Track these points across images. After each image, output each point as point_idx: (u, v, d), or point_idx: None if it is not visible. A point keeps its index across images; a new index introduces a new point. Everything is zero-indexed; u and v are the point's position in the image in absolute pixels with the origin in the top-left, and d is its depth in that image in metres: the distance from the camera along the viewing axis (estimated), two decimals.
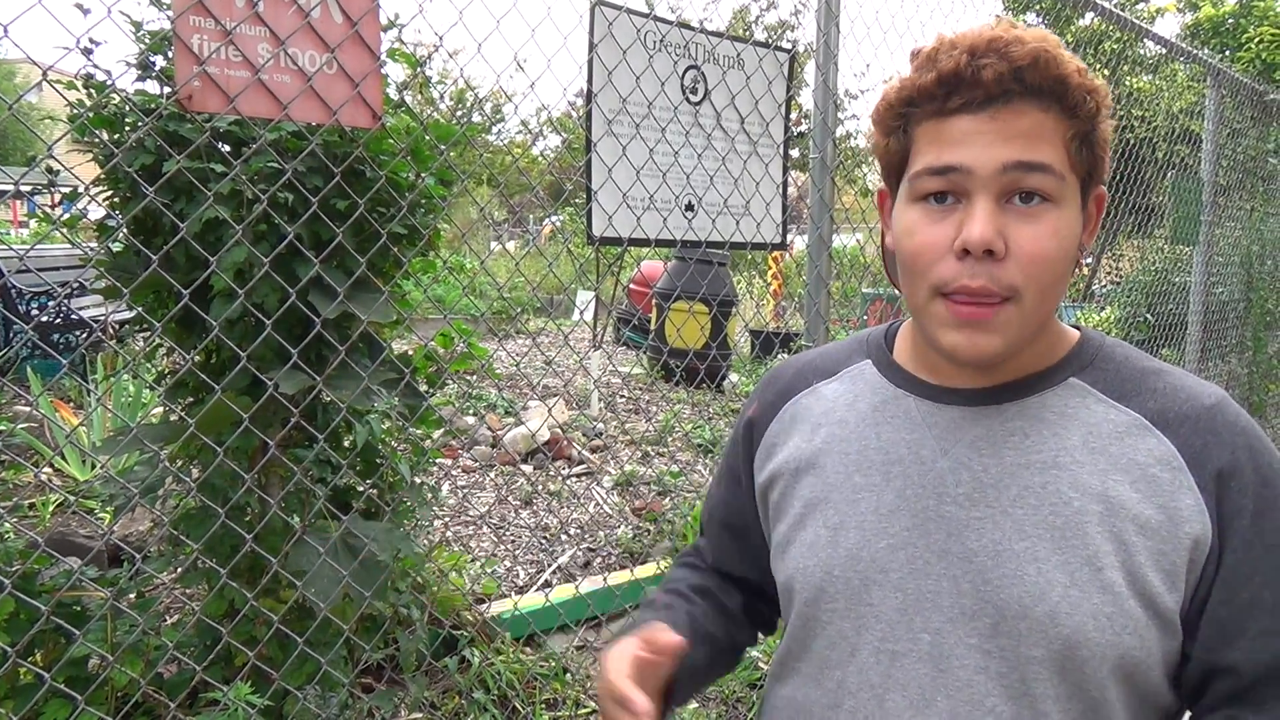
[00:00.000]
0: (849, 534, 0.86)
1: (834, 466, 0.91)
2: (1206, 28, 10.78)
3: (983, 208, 0.75)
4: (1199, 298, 4.80)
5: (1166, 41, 4.31)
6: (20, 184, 1.46)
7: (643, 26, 2.29)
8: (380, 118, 1.63)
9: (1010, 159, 0.75)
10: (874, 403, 0.92)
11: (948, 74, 0.75)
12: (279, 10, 1.48)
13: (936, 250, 0.78)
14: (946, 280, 0.77)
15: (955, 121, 0.76)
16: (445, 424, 2.23)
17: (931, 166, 0.78)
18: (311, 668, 1.88)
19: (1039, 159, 0.75)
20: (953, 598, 0.81)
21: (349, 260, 1.78)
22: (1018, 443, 0.83)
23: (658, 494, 4.35)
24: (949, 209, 0.78)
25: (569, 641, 2.81)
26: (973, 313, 0.77)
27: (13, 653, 1.47)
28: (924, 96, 0.78)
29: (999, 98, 0.75)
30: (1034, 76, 0.74)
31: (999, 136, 0.75)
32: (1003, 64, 0.74)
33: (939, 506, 0.83)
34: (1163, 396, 0.83)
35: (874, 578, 0.84)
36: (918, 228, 0.79)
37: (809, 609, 0.89)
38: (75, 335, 5.93)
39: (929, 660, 0.81)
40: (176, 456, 1.94)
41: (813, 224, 2.57)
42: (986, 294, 0.76)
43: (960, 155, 0.76)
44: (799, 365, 1.03)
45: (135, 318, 1.91)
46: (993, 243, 0.75)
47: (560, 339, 8.41)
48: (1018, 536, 0.79)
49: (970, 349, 0.78)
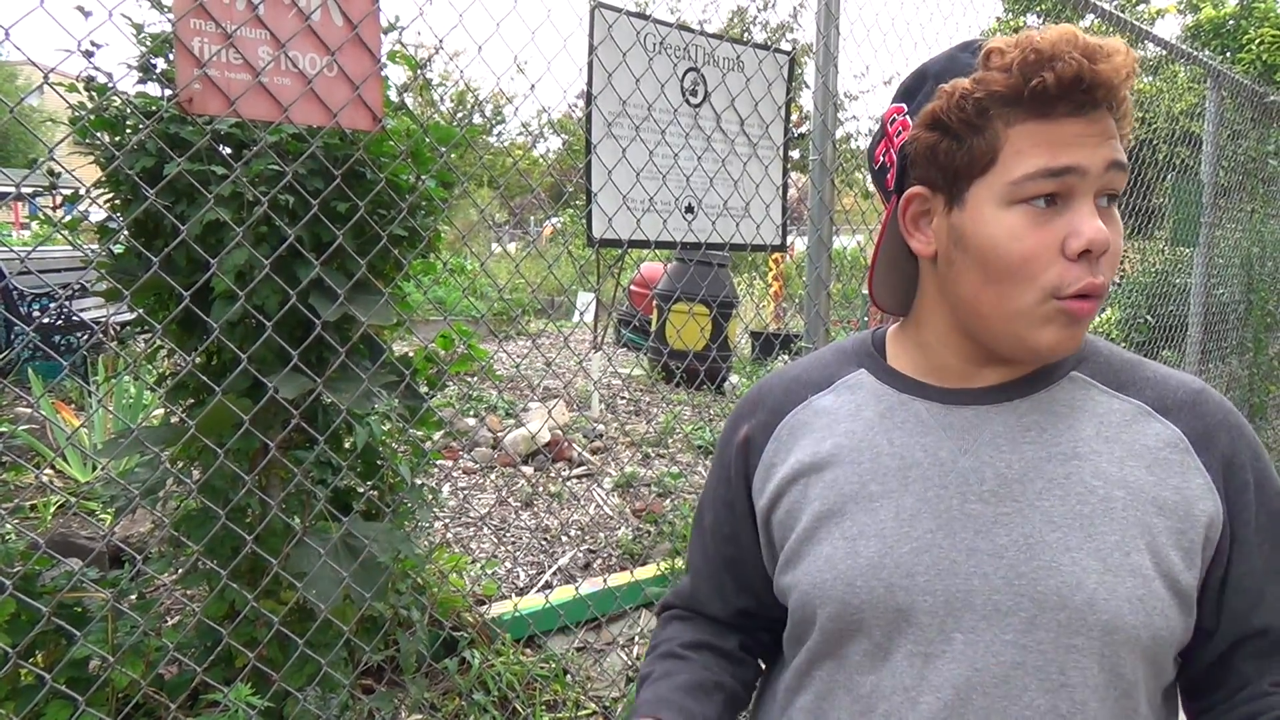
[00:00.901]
0: (869, 543, 0.85)
1: (846, 477, 0.89)
2: (1207, 29, 10.79)
3: (1091, 208, 0.78)
4: (1199, 299, 4.80)
5: (1167, 43, 4.31)
6: (22, 186, 1.47)
7: (642, 29, 2.30)
8: (381, 120, 1.63)
9: (1111, 158, 0.78)
10: (879, 410, 0.91)
11: (1069, 77, 0.75)
12: (280, 13, 1.48)
13: (1049, 253, 0.78)
14: (1068, 282, 0.78)
15: (1063, 125, 0.77)
16: (446, 425, 2.23)
17: (1049, 168, 0.77)
18: (312, 669, 1.89)
19: (1124, 159, 0.79)
20: (984, 595, 0.81)
21: (349, 262, 1.79)
22: (1036, 436, 0.84)
23: (658, 495, 4.35)
24: (1055, 212, 0.78)
25: (569, 643, 2.81)
26: (1084, 308, 0.79)
27: (14, 654, 1.47)
28: (1033, 98, 0.77)
29: (1091, 104, 0.77)
30: (1124, 83, 0.77)
31: (1102, 136, 0.77)
32: (1110, 68, 0.75)
33: (963, 505, 0.83)
34: (1156, 385, 0.88)
35: (900, 583, 0.83)
36: (1024, 233, 0.78)
37: (833, 624, 0.87)
38: (76, 337, 5.94)
39: (963, 660, 0.80)
40: (177, 458, 1.95)
41: (813, 226, 2.57)
42: (1098, 292, 0.79)
43: (1076, 156, 0.77)
44: (785, 382, 1.01)
45: (136, 320, 1.92)
46: (1109, 242, 0.78)
47: (560, 340, 8.42)
48: (1049, 528, 0.80)
49: (1070, 343, 0.81)
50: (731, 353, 7.28)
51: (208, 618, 1.82)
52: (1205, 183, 4.71)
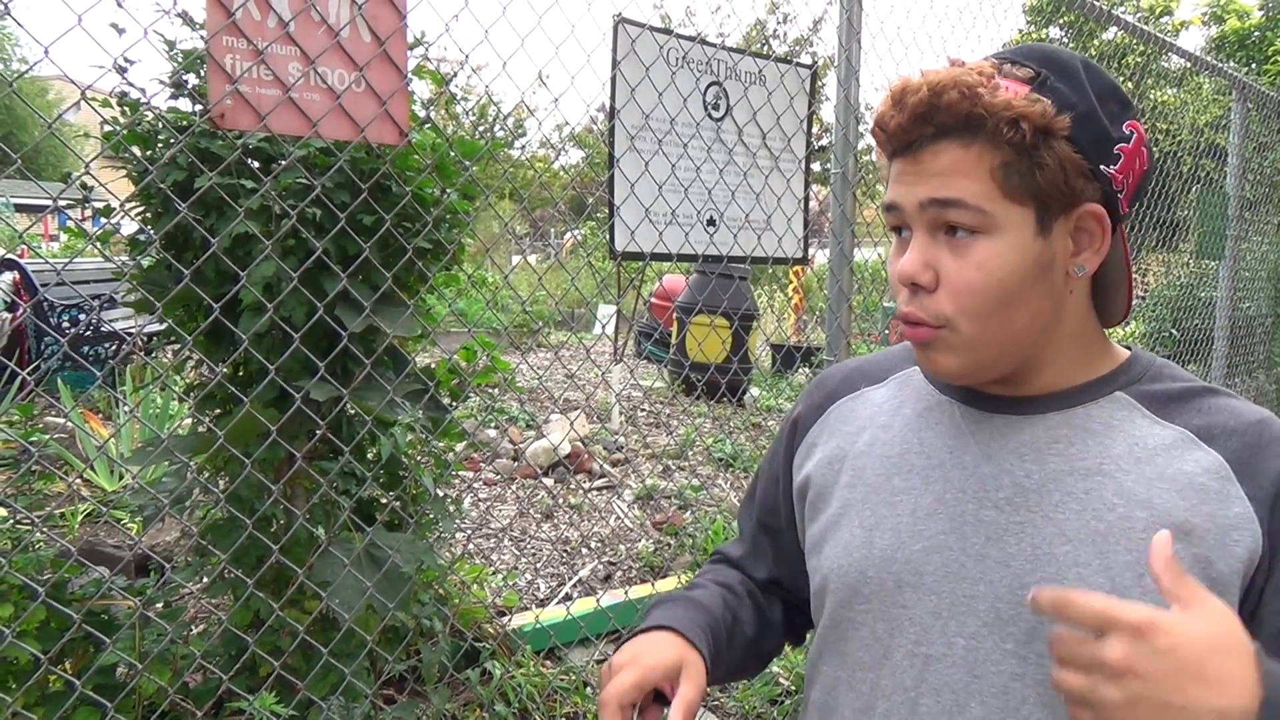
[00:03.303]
0: (884, 535, 0.87)
1: (873, 468, 0.92)
2: (1232, 40, 10.72)
3: (915, 242, 0.82)
4: (1225, 313, 4.75)
5: (1191, 55, 4.28)
6: (58, 200, 1.50)
7: (665, 43, 2.31)
8: (407, 134, 1.65)
9: (925, 196, 0.79)
10: (918, 408, 0.93)
11: (877, 123, 0.82)
12: (309, 30, 1.51)
13: (896, 279, 0.84)
14: (898, 305, 0.84)
15: (895, 163, 0.83)
16: (467, 437, 2.25)
17: (884, 203, 0.85)
18: (335, 678, 1.90)
19: (951, 195, 0.78)
20: (988, 602, 0.81)
21: (375, 275, 1.81)
22: (1062, 450, 0.83)
23: (679, 508, 4.34)
24: (905, 241, 0.84)
25: (589, 655, 2.81)
26: (912, 334, 0.83)
27: (44, 660, 1.49)
28: (876, 140, 0.85)
29: (915, 142, 0.79)
30: (942, 117, 0.77)
31: (919, 176, 0.80)
32: (901, 115, 0.79)
33: (978, 510, 0.84)
34: (1208, 414, 0.83)
35: (908, 580, 0.85)
36: (891, 258, 0.86)
37: (842, 610, 0.89)
38: (105, 347, 6.01)
39: (963, 665, 0.81)
40: (204, 468, 1.97)
41: (834, 238, 2.57)
42: (915, 321, 0.82)
43: (895, 194, 0.82)
44: (848, 370, 1.04)
45: (166, 330, 1.94)
46: (915, 275, 0.80)
47: (582, 353, 8.43)
48: (1059, 541, 0.80)
49: (927, 365, 0.85)
50: (752, 365, 7.27)
51: (233, 626, 1.84)
52: (1231, 195, 4.67)
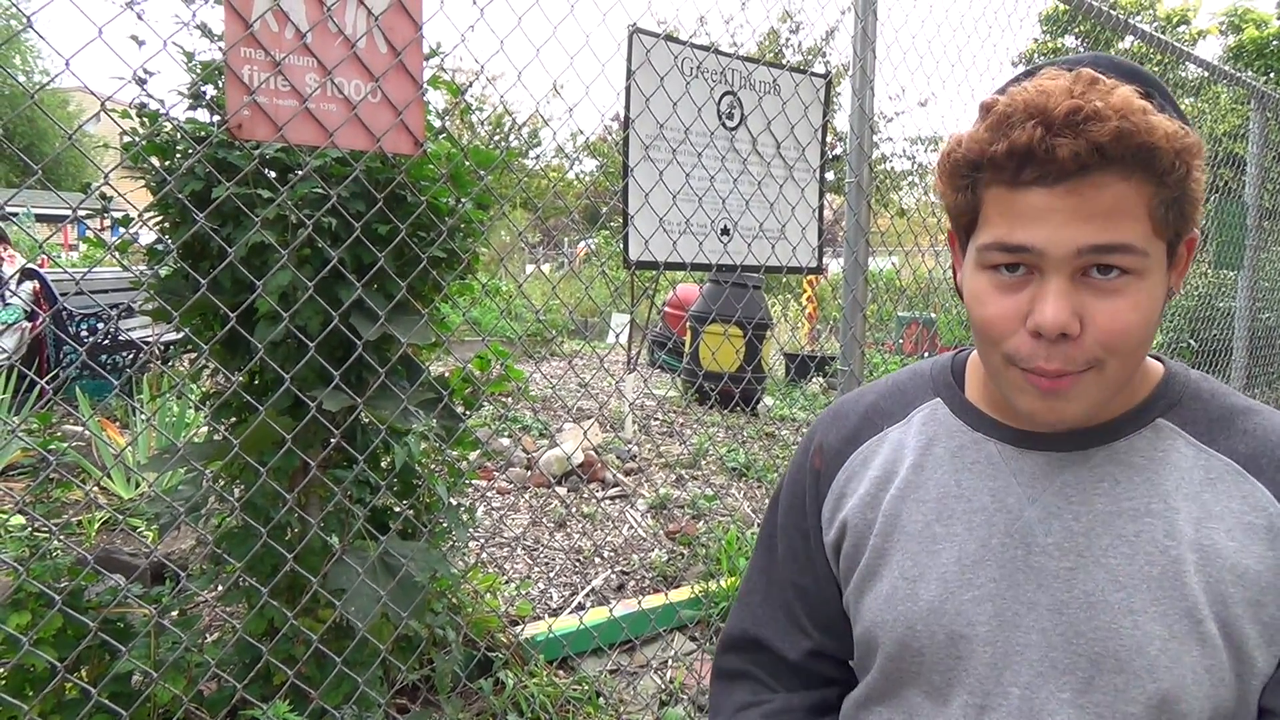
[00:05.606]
0: (929, 586, 0.83)
1: (910, 515, 0.87)
2: (1250, 50, 10.65)
3: (1056, 288, 0.71)
4: (1244, 323, 4.71)
5: (1209, 64, 4.26)
6: (78, 210, 1.51)
7: (680, 53, 2.32)
8: (422, 144, 1.66)
9: (1087, 242, 0.69)
10: (951, 448, 0.88)
11: (1020, 148, 0.69)
12: (326, 41, 1.52)
13: (1008, 323, 0.74)
14: (1023, 356, 0.74)
15: (1028, 195, 0.70)
16: (481, 445, 2.25)
17: (1002, 243, 0.72)
18: (349, 687, 1.90)
19: (1119, 240, 0.69)
20: (1042, 650, 0.78)
21: (389, 284, 1.81)
22: (1108, 489, 0.80)
23: (692, 517, 4.33)
24: (1021, 280, 0.73)
25: (602, 665, 2.80)
26: (1051, 386, 0.74)
27: (61, 667, 1.50)
28: (993, 165, 0.72)
29: (1075, 173, 0.68)
30: (1116, 149, 0.67)
31: (1075, 215, 0.69)
32: (1080, 142, 0.67)
33: (1027, 557, 0.80)
34: (1253, 439, 0.79)
35: (961, 631, 0.81)
36: (988, 298, 0.75)
37: (893, 663, 0.86)
38: (122, 356, 6.06)
39: (1019, 714, 0.78)
40: (219, 476, 1.98)
41: (848, 247, 2.56)
42: (1062, 374, 0.73)
43: (1032, 235, 0.70)
44: (863, 408, 0.98)
45: (182, 339, 1.95)
46: (1067, 326, 0.70)
47: (595, 362, 8.44)
48: (1113, 587, 0.76)
49: (1049, 415, 0.76)
50: (766, 374, 7.25)
51: (248, 634, 1.84)
52: (1249, 205, 4.64)
